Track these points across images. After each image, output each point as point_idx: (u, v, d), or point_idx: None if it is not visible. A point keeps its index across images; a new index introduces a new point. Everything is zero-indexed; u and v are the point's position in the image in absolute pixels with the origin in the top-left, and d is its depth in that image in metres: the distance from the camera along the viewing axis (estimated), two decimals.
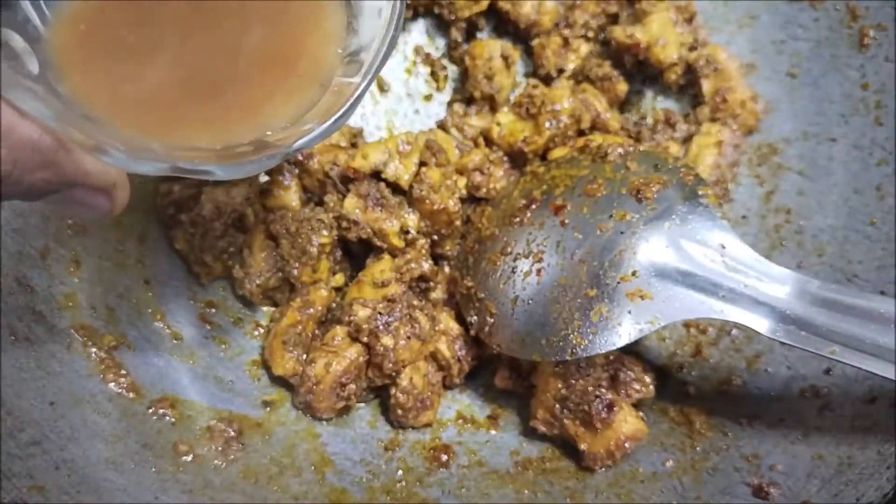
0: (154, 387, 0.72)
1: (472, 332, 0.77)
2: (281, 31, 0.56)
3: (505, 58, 0.88)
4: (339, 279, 0.82)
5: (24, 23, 0.48)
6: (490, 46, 0.88)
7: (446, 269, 0.84)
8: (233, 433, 0.72)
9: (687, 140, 0.88)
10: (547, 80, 0.91)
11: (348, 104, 0.53)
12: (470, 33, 0.94)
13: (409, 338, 0.74)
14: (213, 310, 0.82)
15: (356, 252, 0.83)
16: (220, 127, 0.53)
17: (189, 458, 0.68)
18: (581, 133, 0.87)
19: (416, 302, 0.78)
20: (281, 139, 0.53)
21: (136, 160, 0.47)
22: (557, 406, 0.73)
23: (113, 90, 0.51)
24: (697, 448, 0.72)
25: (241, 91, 0.54)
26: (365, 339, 0.74)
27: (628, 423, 0.71)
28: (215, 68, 0.54)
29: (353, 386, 0.74)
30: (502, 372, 0.79)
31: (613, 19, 0.93)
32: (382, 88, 0.93)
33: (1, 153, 0.42)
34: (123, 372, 0.71)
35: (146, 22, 0.53)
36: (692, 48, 0.90)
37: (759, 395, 0.75)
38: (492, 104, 0.90)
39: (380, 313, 0.74)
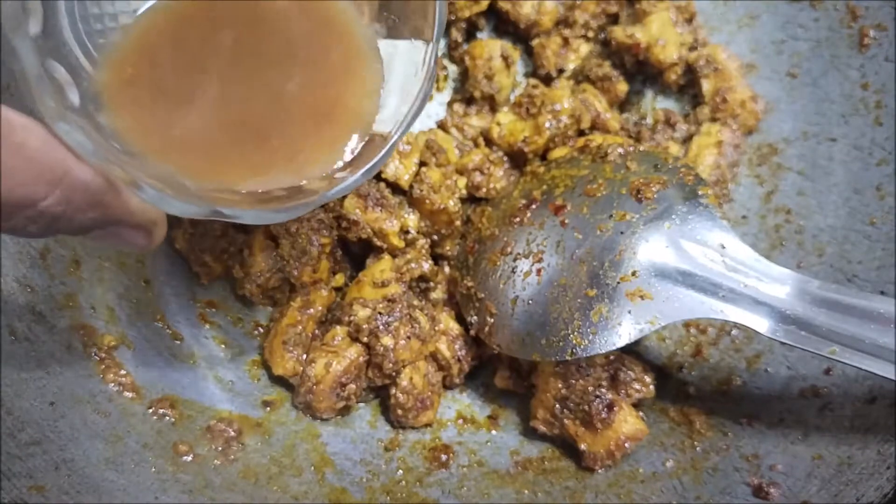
0: (154, 387, 0.72)
1: (472, 332, 0.77)
2: (322, 80, 0.57)
3: (505, 58, 0.88)
4: (339, 279, 0.82)
5: (66, 54, 0.49)
6: (490, 46, 0.88)
7: (446, 269, 0.84)
8: (233, 433, 0.72)
9: (687, 140, 0.88)
10: (547, 80, 0.91)
11: (380, 155, 0.54)
12: (470, 33, 0.94)
13: (409, 338, 0.74)
14: (213, 310, 0.82)
15: (356, 252, 0.83)
16: (261, 172, 0.54)
17: (189, 458, 0.68)
18: (581, 133, 0.87)
19: (416, 302, 0.78)
20: (315, 187, 0.53)
21: (172, 198, 0.48)
22: (557, 406, 0.73)
23: (157, 130, 0.52)
24: (697, 448, 0.72)
25: (283, 138, 0.55)
26: (365, 339, 0.74)
27: (628, 423, 0.71)
28: (258, 115, 0.55)
29: (353, 386, 0.74)
30: (502, 372, 0.79)
31: (613, 19, 0.93)
32: None
33: (56, 194, 0.43)
34: (123, 372, 0.71)
35: (193, 68, 0.54)
36: (692, 48, 0.90)
37: (759, 395, 0.75)
38: (492, 104, 0.90)
39: (380, 313, 0.74)
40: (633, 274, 0.68)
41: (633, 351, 0.78)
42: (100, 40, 0.51)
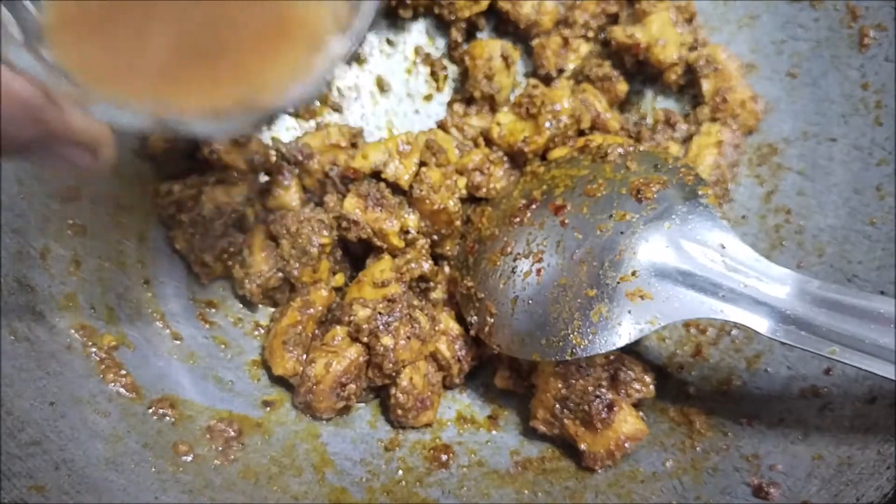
0: (154, 387, 0.72)
1: (472, 332, 0.77)
2: None
3: (505, 58, 0.88)
4: (339, 279, 0.82)
5: None
6: (490, 46, 0.88)
7: (446, 269, 0.84)
8: (233, 433, 0.72)
9: (687, 140, 0.88)
10: (547, 80, 0.91)
11: (327, 67, 0.55)
12: (470, 33, 0.94)
13: (409, 338, 0.74)
14: (213, 310, 0.82)
15: (356, 252, 0.83)
16: (211, 90, 0.54)
17: (189, 458, 0.68)
18: (581, 133, 0.87)
19: (416, 302, 0.78)
20: (265, 102, 0.54)
21: (120, 113, 0.49)
22: (557, 406, 0.73)
23: (104, 63, 0.52)
24: (697, 448, 0.72)
25: (233, 57, 0.55)
26: (365, 339, 0.74)
27: (628, 423, 0.71)
28: (209, 35, 0.55)
29: (353, 386, 0.74)
30: (502, 372, 0.79)
31: (613, 19, 0.93)
32: (382, 88, 0.93)
33: None
34: (123, 372, 0.71)
35: None
36: (692, 48, 0.90)
37: (759, 395, 0.75)
38: (492, 104, 0.90)
39: (380, 313, 0.74)
40: (633, 274, 0.68)
41: (633, 351, 0.78)
42: None
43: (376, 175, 0.81)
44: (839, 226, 0.80)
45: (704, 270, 0.67)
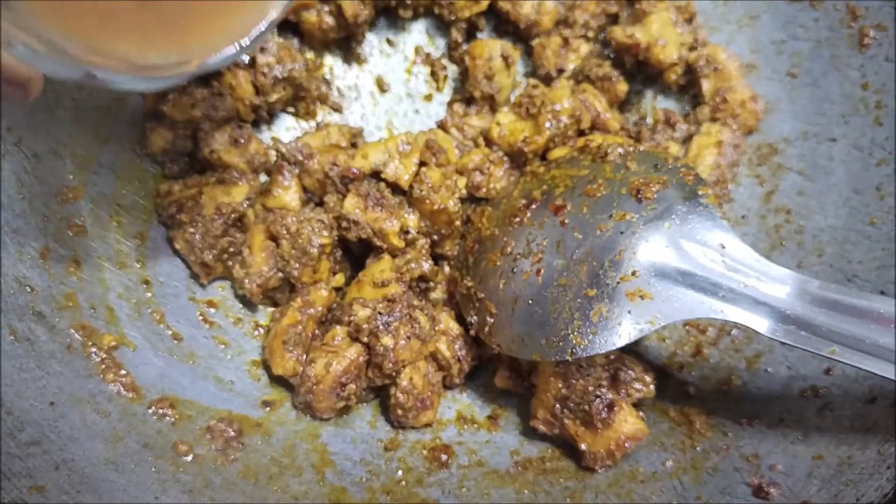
0: (154, 387, 0.72)
1: (472, 332, 0.77)
2: None
3: (505, 58, 0.88)
4: (339, 279, 0.82)
5: None
6: (490, 46, 0.88)
7: (446, 269, 0.84)
8: (233, 433, 0.72)
9: (687, 140, 0.88)
10: (547, 80, 0.91)
11: (258, 31, 0.55)
12: (470, 33, 0.94)
13: (409, 338, 0.74)
14: (213, 310, 0.82)
15: (356, 252, 0.83)
16: (150, 40, 0.54)
17: (189, 458, 0.68)
18: (581, 133, 0.87)
19: (416, 302, 0.78)
20: (195, 62, 0.55)
21: (46, 58, 0.49)
22: (557, 406, 0.73)
23: None
24: (697, 448, 0.72)
25: (180, 17, 0.55)
26: (365, 339, 0.74)
27: (628, 423, 0.71)
28: None
29: (353, 386, 0.74)
30: (502, 372, 0.79)
31: (613, 19, 0.93)
32: (382, 88, 0.93)
33: None
34: (123, 372, 0.71)
35: None
36: (692, 48, 0.90)
37: (759, 395, 0.75)
38: (492, 104, 0.90)
39: (380, 313, 0.74)
40: (633, 274, 0.68)
41: (633, 351, 0.78)
42: None
43: (376, 175, 0.81)
44: (839, 226, 0.80)
45: (704, 270, 0.67)
